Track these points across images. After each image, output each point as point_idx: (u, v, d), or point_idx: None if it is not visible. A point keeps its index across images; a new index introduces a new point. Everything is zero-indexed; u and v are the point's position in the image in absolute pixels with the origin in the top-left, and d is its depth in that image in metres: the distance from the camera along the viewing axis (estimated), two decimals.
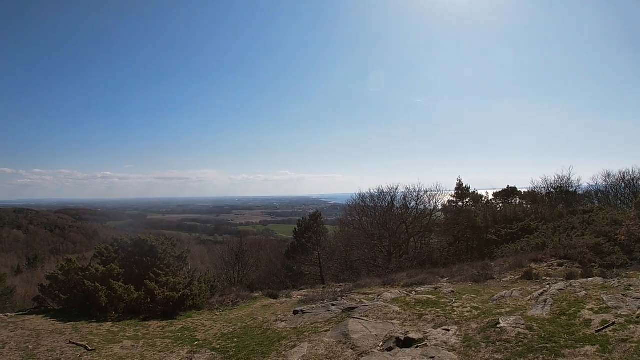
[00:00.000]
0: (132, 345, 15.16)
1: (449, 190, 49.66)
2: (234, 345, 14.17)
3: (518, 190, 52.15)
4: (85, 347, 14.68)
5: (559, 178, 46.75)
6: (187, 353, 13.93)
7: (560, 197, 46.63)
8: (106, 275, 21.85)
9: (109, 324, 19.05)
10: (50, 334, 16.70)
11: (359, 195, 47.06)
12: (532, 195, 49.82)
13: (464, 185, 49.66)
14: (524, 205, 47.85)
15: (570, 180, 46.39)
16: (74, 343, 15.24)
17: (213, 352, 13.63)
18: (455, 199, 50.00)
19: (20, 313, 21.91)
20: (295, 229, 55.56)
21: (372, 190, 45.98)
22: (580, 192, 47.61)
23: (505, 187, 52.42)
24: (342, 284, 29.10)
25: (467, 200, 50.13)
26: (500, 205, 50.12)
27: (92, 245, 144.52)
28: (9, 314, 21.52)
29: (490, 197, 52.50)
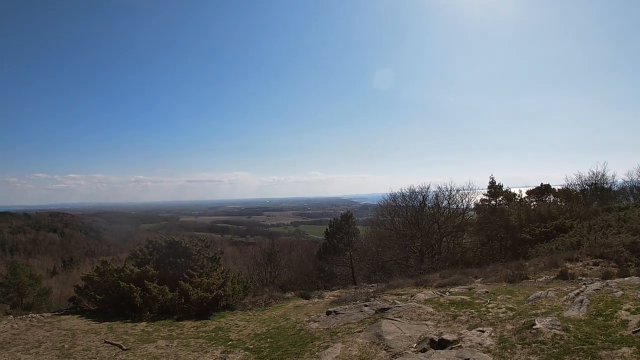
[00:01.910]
0: (167, 345, 15.38)
1: (482, 189, 49.00)
2: (267, 345, 14.27)
3: (552, 187, 51.13)
4: (120, 347, 14.95)
5: (594, 174, 45.73)
6: (220, 353, 14.06)
7: (595, 194, 45.63)
8: (141, 277, 22.24)
9: (144, 324, 19.37)
10: (85, 334, 17.06)
11: (391, 195, 46.86)
12: (566, 193, 48.82)
13: (496, 184, 48.89)
14: (558, 203, 46.94)
15: (605, 177, 45.32)
16: (109, 342, 15.54)
17: (246, 352, 13.74)
18: (488, 198, 49.25)
19: (56, 313, 22.41)
20: (326, 229, 55.65)
21: (403, 190, 45.73)
22: (615, 188, 46.35)
23: (539, 185, 51.43)
24: (374, 285, 29.02)
25: (500, 198, 49.34)
26: (534, 203, 49.14)
27: (126, 247, 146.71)
28: (45, 314, 22.04)
29: (524, 195, 51.47)
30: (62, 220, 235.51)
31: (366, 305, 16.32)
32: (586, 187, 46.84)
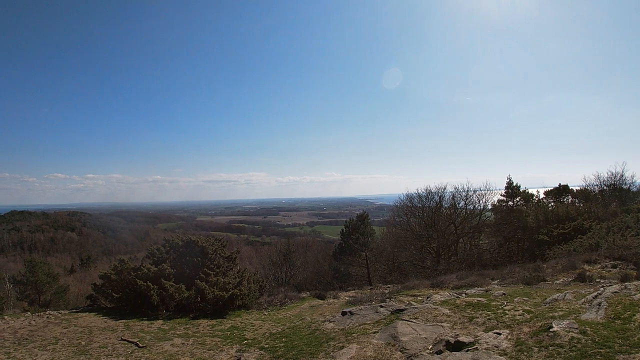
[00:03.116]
0: (182, 343, 15.51)
1: (499, 189, 48.62)
2: (282, 345, 14.30)
3: (570, 188, 50.60)
4: (137, 344, 15.12)
5: (612, 175, 45.26)
6: (236, 352, 14.13)
7: (614, 194, 45.13)
8: (158, 275, 22.43)
9: (160, 322, 19.56)
10: (102, 331, 17.27)
11: (407, 195, 46.69)
12: (584, 194, 48.30)
13: (514, 184, 48.45)
14: (576, 204, 46.47)
15: (624, 177, 44.82)
16: (125, 340, 15.71)
17: (262, 352, 13.77)
18: (505, 199, 48.84)
19: (74, 310, 22.73)
20: (342, 230, 55.60)
21: (419, 191, 45.56)
22: (634, 189, 45.79)
23: (557, 185, 50.94)
24: (389, 286, 28.99)
25: (517, 199, 48.84)
26: (552, 204, 48.62)
27: (143, 246, 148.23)
28: (62, 311, 22.37)
29: (542, 195, 50.98)
30: (80, 220, 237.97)
31: (382, 306, 16.31)
32: (605, 187, 46.38)
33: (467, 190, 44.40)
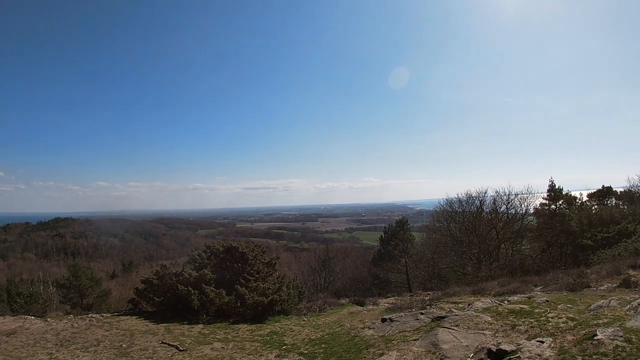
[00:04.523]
0: (222, 347, 15.76)
1: (541, 193, 47.57)
2: (321, 351, 14.38)
3: (614, 190, 49.34)
4: (177, 348, 15.46)
5: None
6: (275, 357, 14.31)
7: None
8: (199, 280, 22.83)
9: (200, 326, 19.92)
10: (143, 334, 17.69)
11: (447, 200, 46.18)
12: (628, 195, 47.07)
13: (556, 187, 47.37)
14: (620, 207, 45.33)
15: None
16: (166, 343, 16.07)
17: (301, 357, 13.90)
18: (547, 202, 47.83)
19: (115, 314, 23.34)
20: (381, 236, 55.44)
21: (460, 195, 44.97)
22: None
23: (600, 187, 49.77)
24: (429, 292, 28.81)
25: (560, 202, 47.76)
26: (595, 207, 47.52)
27: (184, 252, 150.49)
28: (104, 314, 23.02)
29: (585, 198, 49.76)
30: (123, 226, 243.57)
31: (422, 313, 16.22)
32: None
33: (509, 194, 43.57)
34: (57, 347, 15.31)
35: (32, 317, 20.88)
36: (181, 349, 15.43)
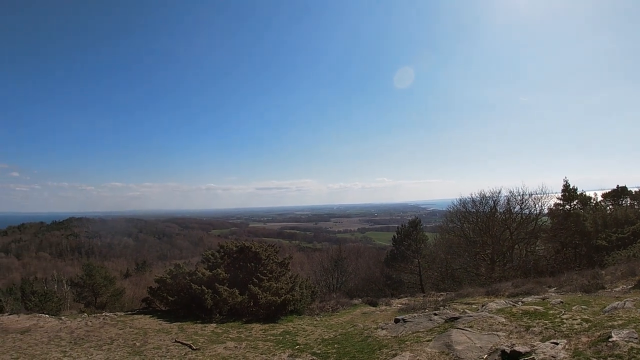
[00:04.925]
0: (235, 347, 15.87)
1: (555, 192, 47.17)
2: (334, 351, 14.42)
3: (628, 190, 48.82)
4: (190, 347, 15.61)
5: None
6: (288, 356, 14.37)
7: None
8: (212, 280, 22.99)
9: (213, 325, 20.08)
10: (157, 333, 17.88)
11: (460, 200, 45.85)
12: None
13: (570, 187, 46.93)
14: (636, 207, 44.87)
15: None
16: (179, 342, 16.23)
17: (313, 357, 13.96)
18: (562, 202, 47.41)
19: (129, 313, 23.60)
20: (394, 236, 55.11)
21: (473, 195, 44.64)
22: None
23: (615, 187, 49.27)
24: (443, 293, 28.75)
25: (574, 202, 47.32)
26: (610, 207, 47.09)
27: (197, 251, 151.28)
28: (118, 313, 23.30)
29: (599, 198, 49.25)
30: (137, 226, 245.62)
31: (435, 314, 16.20)
32: None
33: (523, 194, 43.13)
34: (71, 345, 15.50)
35: (47, 316, 21.16)
36: (194, 347, 15.56)
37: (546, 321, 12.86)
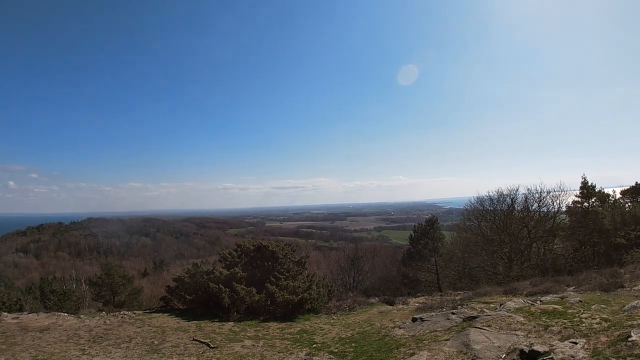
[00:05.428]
0: (253, 345, 15.99)
1: (573, 190, 46.61)
2: (351, 349, 14.47)
3: None
4: (208, 345, 15.75)
5: None
6: (305, 355, 14.42)
7: None
8: (229, 278, 23.15)
9: (231, 323, 20.20)
10: (174, 331, 18.05)
11: (477, 198, 45.57)
12: None
13: (588, 184, 46.39)
14: None
15: None
16: (197, 340, 16.37)
17: (331, 356, 14.00)
18: (580, 199, 46.86)
19: (147, 311, 23.83)
20: (410, 235, 54.95)
21: (490, 193, 44.35)
22: None
23: (634, 184, 48.63)
24: (460, 292, 28.68)
25: (592, 200, 46.75)
26: (629, 204, 46.43)
27: (214, 250, 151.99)
28: (136, 311, 23.53)
29: (618, 195, 48.60)
30: (154, 226, 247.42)
31: (453, 313, 16.16)
32: None
33: (541, 192, 42.70)
34: (89, 343, 15.69)
35: (65, 314, 21.43)
36: (212, 346, 15.68)
37: (565, 320, 12.79)
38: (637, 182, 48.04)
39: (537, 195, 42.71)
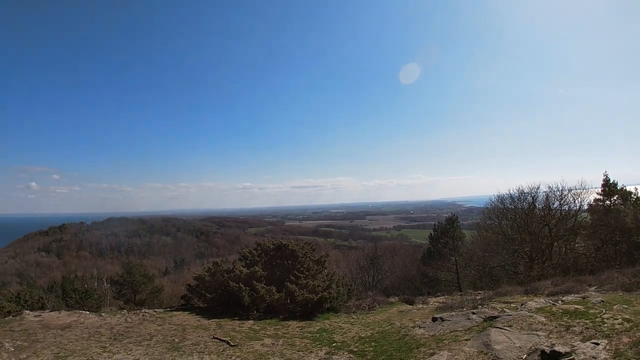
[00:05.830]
0: (272, 344, 16.14)
1: (595, 188, 46.02)
2: (371, 349, 14.54)
3: None
4: (228, 343, 15.93)
5: None
6: (325, 354, 14.51)
7: None
8: (249, 277, 23.35)
9: (251, 322, 20.40)
10: (195, 329, 18.30)
11: (498, 196, 45.21)
12: None
13: (610, 181, 45.75)
14: None
15: None
16: (217, 338, 16.58)
17: (351, 355, 14.09)
18: (601, 197, 46.27)
19: (168, 309, 24.16)
20: (430, 233, 54.76)
21: (511, 191, 43.96)
22: None
23: None
24: (480, 292, 28.54)
25: (614, 198, 46.12)
26: None
27: (234, 249, 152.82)
28: (157, 310, 23.85)
29: None
30: (175, 225, 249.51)
31: (474, 313, 16.15)
32: None
33: (562, 190, 42.17)
34: (110, 341, 15.97)
35: (87, 312, 21.82)
36: (232, 344, 15.85)
37: (587, 321, 12.73)
38: None
39: (558, 193, 42.23)
